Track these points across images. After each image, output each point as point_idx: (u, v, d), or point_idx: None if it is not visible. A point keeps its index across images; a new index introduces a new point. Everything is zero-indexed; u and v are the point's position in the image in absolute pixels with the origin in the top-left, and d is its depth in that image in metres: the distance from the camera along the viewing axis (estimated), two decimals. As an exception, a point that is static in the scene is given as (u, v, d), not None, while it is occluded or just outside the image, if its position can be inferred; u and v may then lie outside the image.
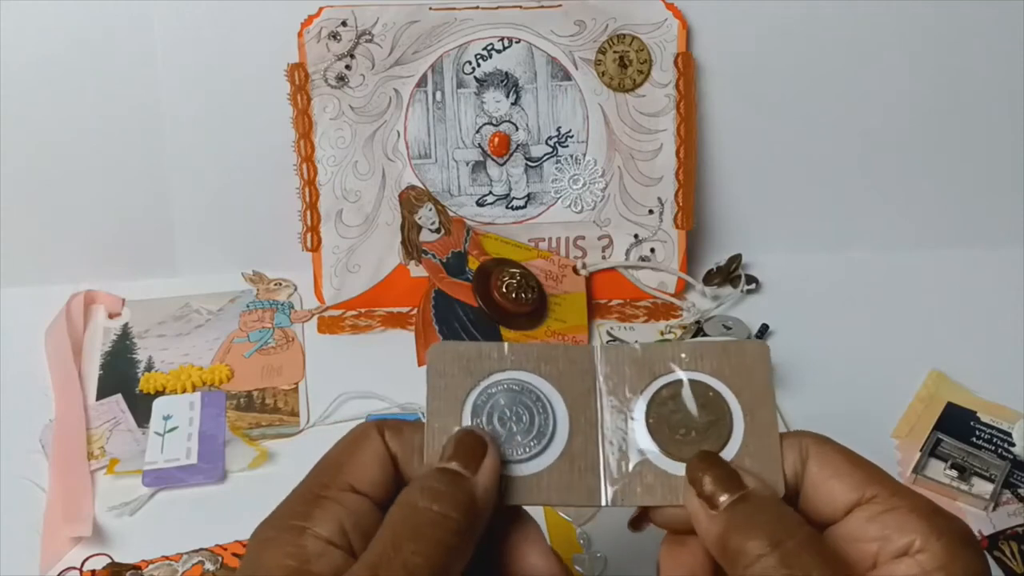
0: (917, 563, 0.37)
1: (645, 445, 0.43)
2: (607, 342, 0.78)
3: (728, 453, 0.42)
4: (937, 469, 0.66)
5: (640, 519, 0.44)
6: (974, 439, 0.68)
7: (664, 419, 0.43)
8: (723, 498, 0.39)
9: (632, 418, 0.43)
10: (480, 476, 0.40)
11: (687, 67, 0.79)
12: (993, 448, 0.68)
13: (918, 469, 0.66)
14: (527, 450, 0.42)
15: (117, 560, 0.61)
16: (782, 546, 0.37)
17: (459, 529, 0.38)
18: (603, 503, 0.42)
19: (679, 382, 0.43)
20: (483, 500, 0.39)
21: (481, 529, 0.39)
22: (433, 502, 0.38)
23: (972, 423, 0.70)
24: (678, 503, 0.42)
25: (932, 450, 0.67)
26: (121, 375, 0.75)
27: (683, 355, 0.44)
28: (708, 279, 0.83)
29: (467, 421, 0.43)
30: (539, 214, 0.81)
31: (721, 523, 0.39)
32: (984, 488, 0.65)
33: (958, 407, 0.71)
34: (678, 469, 0.42)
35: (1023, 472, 0.66)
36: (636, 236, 0.81)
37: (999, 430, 0.69)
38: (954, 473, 0.65)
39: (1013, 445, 0.68)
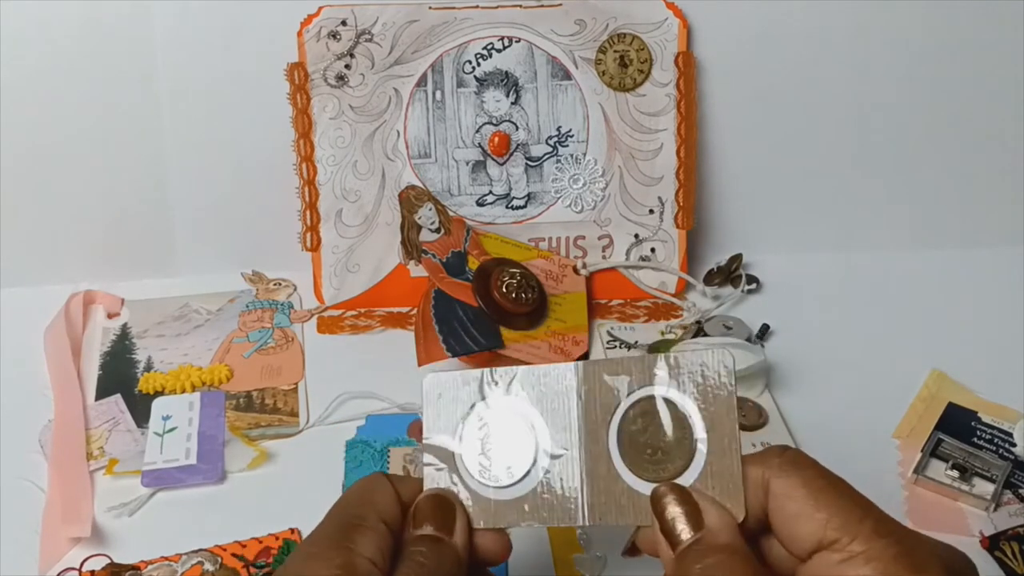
0: None
1: (618, 465, 0.44)
2: (606, 343, 0.78)
3: (692, 474, 0.42)
4: (938, 469, 0.66)
5: (633, 549, 0.45)
6: (975, 439, 0.68)
7: (633, 439, 0.44)
8: (684, 535, 0.40)
9: (607, 438, 0.44)
10: (456, 536, 0.44)
11: (687, 66, 0.79)
12: (994, 448, 0.68)
13: (919, 469, 0.66)
14: (511, 476, 0.45)
15: (116, 560, 0.61)
16: None
17: None
18: (582, 523, 0.44)
19: (650, 399, 0.44)
20: (463, 556, 0.44)
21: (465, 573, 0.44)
22: (433, 563, 0.43)
23: (973, 423, 0.70)
24: (647, 523, 0.43)
25: (933, 450, 0.67)
26: (120, 375, 0.75)
27: (655, 370, 0.44)
28: (709, 279, 0.83)
29: (459, 455, 0.46)
30: (539, 214, 0.81)
31: (675, 568, 0.40)
32: (985, 488, 0.65)
33: (959, 407, 0.71)
34: (645, 488, 0.43)
35: (1024, 472, 0.66)
36: (636, 236, 0.81)
37: (1000, 430, 0.69)
38: (955, 473, 0.65)
39: (1014, 445, 0.68)
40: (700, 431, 0.43)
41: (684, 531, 0.40)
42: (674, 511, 0.41)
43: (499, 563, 0.46)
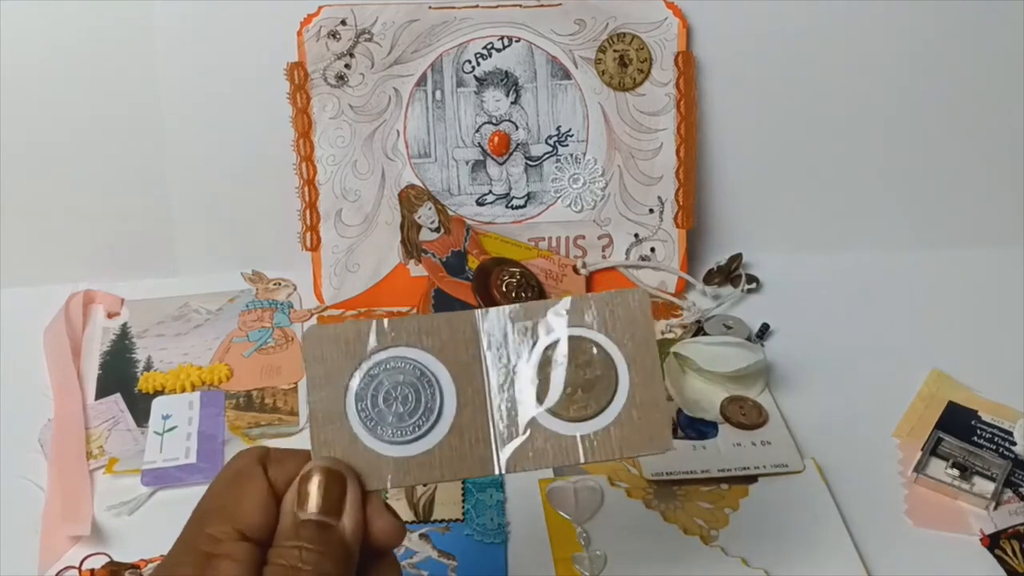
0: None
1: (533, 408, 0.43)
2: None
3: (616, 407, 0.42)
4: (938, 468, 0.66)
5: None
6: (975, 438, 0.68)
7: (550, 380, 0.43)
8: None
9: (518, 382, 0.43)
10: (346, 518, 0.40)
11: (687, 66, 0.79)
12: (994, 447, 0.68)
13: (919, 468, 0.66)
14: (416, 429, 0.42)
15: (116, 559, 0.61)
16: None
17: None
18: (496, 471, 0.42)
19: (565, 340, 0.43)
20: (353, 542, 0.40)
21: (356, 564, 0.40)
22: (313, 564, 0.38)
23: (973, 422, 0.70)
24: (570, 463, 0.42)
25: (933, 449, 0.67)
26: (120, 375, 0.75)
27: (565, 310, 0.43)
28: (708, 278, 0.83)
29: (351, 409, 0.42)
30: (539, 213, 0.81)
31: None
32: (985, 487, 0.65)
33: (959, 406, 0.71)
34: (567, 429, 0.42)
35: (1024, 471, 0.66)
36: (636, 235, 0.81)
37: (1000, 429, 0.69)
38: (955, 472, 0.65)
39: (1014, 444, 0.68)
40: (622, 365, 0.43)
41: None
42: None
43: (394, 545, 0.42)
